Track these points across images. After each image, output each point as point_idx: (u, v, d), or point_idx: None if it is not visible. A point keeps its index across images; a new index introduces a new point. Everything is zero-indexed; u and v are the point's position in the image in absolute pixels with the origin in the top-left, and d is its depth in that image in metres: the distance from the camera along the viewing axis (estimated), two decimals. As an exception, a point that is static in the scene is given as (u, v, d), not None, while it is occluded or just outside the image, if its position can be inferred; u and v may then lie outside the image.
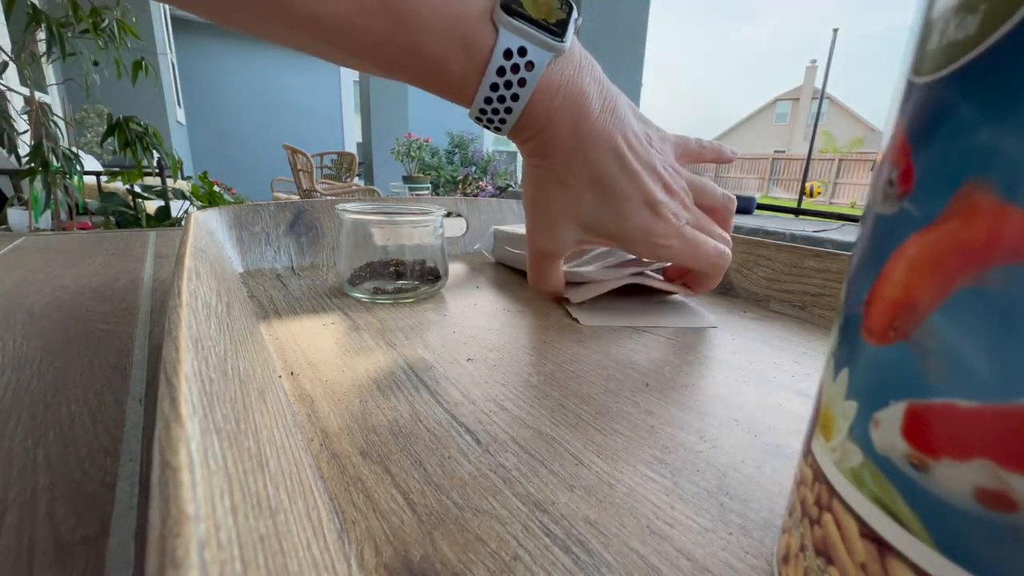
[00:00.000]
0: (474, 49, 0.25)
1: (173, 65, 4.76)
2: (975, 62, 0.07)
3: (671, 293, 0.40)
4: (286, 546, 0.10)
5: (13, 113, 1.86)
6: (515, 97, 0.26)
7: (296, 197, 3.34)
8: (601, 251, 0.41)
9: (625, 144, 0.28)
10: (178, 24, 5.23)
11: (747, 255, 0.42)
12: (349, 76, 6.43)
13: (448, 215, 0.53)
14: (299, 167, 3.38)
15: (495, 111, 0.27)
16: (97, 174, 2.18)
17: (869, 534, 0.09)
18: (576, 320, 0.34)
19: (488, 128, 0.29)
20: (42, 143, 1.56)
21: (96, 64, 1.85)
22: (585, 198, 0.29)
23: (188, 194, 2.13)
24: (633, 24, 2.16)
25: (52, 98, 2.79)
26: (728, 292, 0.43)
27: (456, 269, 0.48)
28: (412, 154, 4.31)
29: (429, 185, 4.12)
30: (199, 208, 1.58)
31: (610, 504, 0.16)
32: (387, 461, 0.18)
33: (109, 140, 1.66)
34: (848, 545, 0.10)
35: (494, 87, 0.26)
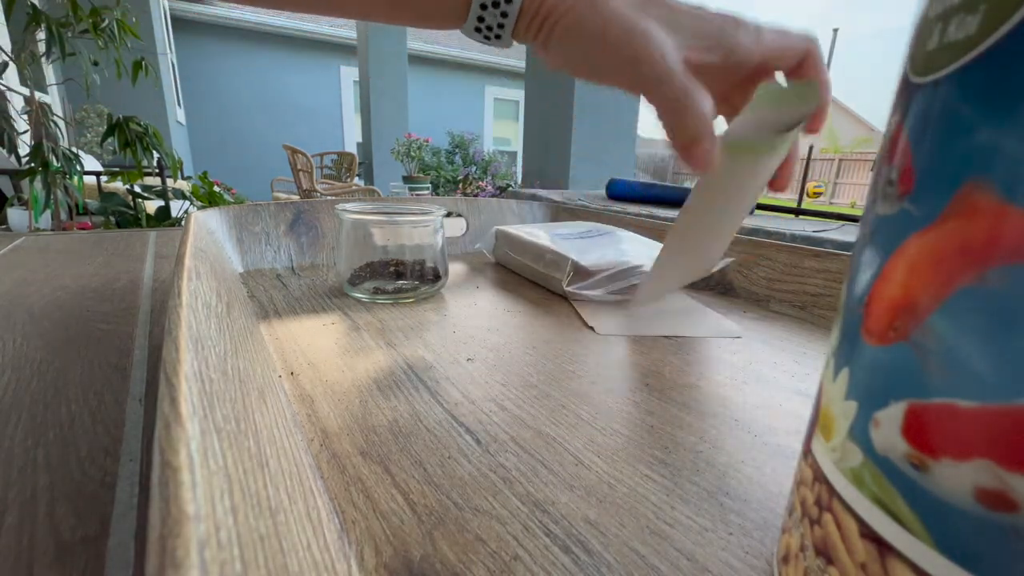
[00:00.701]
0: None
1: (173, 65, 4.76)
2: (975, 62, 0.07)
3: (690, 294, 0.39)
4: (286, 546, 0.10)
5: (13, 113, 1.86)
6: None
7: (296, 197, 3.34)
8: (606, 274, 0.39)
9: None
10: (178, 24, 5.22)
11: (747, 255, 0.42)
12: (349, 76, 6.42)
13: (448, 215, 0.53)
14: (299, 167, 3.38)
15: (495, 3, 0.26)
16: (97, 174, 2.18)
17: (869, 534, 0.09)
18: (592, 328, 0.33)
19: (491, 30, 0.27)
20: (42, 143, 1.56)
21: (96, 64, 1.84)
22: (650, 12, 0.26)
23: (188, 194, 2.13)
24: (633, 24, 2.17)
25: (52, 98, 2.79)
26: (728, 292, 0.43)
27: (456, 269, 0.48)
28: (412, 154, 4.31)
29: (429, 185, 4.12)
30: (199, 208, 1.58)
31: (610, 504, 0.16)
32: (387, 461, 0.18)
33: (109, 140, 1.66)
34: (848, 545, 0.10)
35: None
